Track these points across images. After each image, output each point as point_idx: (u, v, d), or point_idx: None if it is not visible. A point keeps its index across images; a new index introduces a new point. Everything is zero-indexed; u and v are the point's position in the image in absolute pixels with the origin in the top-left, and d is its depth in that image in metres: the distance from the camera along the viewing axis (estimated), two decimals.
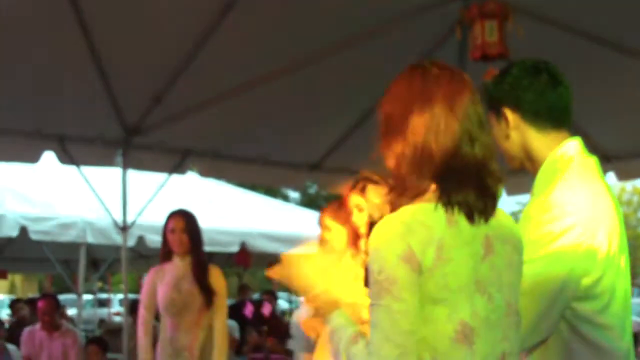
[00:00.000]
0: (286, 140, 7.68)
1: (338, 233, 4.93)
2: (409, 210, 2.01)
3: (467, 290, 1.97)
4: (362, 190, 4.32)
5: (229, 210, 11.26)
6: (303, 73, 6.57)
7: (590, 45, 6.23)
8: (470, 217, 2.03)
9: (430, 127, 2.05)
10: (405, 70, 2.21)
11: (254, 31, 6.10)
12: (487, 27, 5.46)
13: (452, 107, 2.08)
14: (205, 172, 8.08)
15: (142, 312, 6.12)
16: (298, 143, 7.85)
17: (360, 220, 4.30)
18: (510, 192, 9.18)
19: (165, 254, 6.09)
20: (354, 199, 4.39)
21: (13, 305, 14.32)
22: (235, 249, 10.42)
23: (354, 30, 6.18)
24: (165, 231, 6.09)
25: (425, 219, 1.98)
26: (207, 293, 5.92)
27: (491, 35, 5.48)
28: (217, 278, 5.94)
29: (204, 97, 6.68)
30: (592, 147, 7.67)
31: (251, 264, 12.14)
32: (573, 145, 2.63)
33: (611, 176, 7.19)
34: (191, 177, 9.60)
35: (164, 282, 5.99)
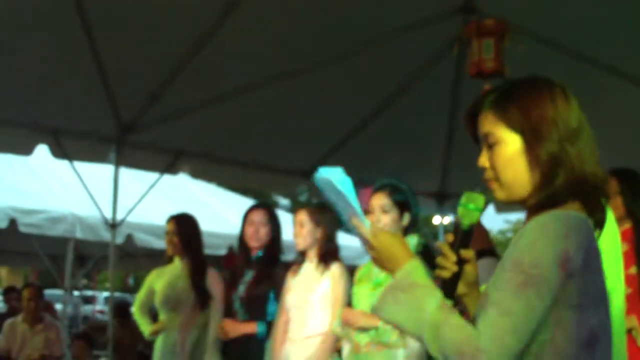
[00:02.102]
0: (280, 145, 7.69)
1: (310, 231, 5.02)
2: (566, 214, 1.99)
3: (598, 299, 1.99)
4: (391, 193, 4.37)
5: (218, 213, 11.26)
6: (300, 80, 6.60)
7: (584, 67, 6.27)
8: (599, 230, 2.08)
9: (582, 137, 2.07)
10: (540, 85, 2.14)
11: (253, 36, 6.14)
12: (484, 45, 5.52)
13: (585, 124, 2.10)
14: (196, 174, 8.09)
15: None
16: (291, 149, 7.87)
17: (382, 220, 4.34)
18: (500, 210, 9.23)
19: (168, 256, 6.33)
20: (380, 199, 4.43)
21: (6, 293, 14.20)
22: (222, 251, 10.43)
23: (353, 40, 6.22)
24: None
25: (579, 225, 1.97)
26: (201, 293, 6.01)
27: (487, 53, 5.53)
28: (214, 281, 6.03)
29: (200, 99, 6.70)
30: None
31: None
32: None
33: None
34: (182, 178, 9.60)
35: (162, 280, 6.16)
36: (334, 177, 2.18)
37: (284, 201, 28.81)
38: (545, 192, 2.04)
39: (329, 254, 5.01)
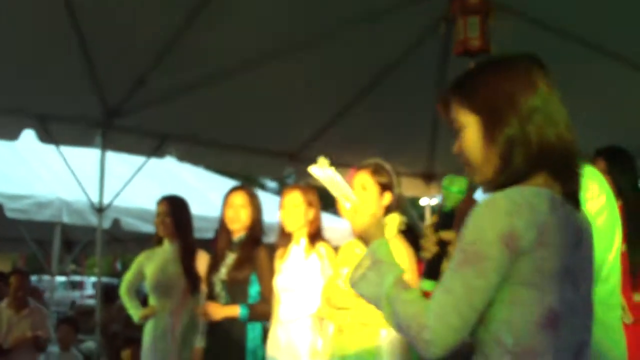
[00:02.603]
0: (266, 128, 7.69)
1: (302, 212, 5.02)
2: (518, 190, 1.98)
3: (558, 277, 1.95)
4: (373, 172, 4.37)
5: (205, 197, 11.25)
6: (286, 62, 6.59)
7: (570, 46, 6.28)
8: (568, 204, 2.04)
9: (542, 112, 2.06)
10: (495, 62, 2.17)
11: (238, 18, 6.11)
12: (470, 23, 5.51)
13: (554, 92, 2.12)
14: (183, 157, 8.07)
15: None
16: (278, 132, 7.87)
17: (362, 198, 4.34)
18: (486, 192, 9.23)
19: (157, 238, 6.32)
20: (361, 178, 4.44)
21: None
22: (210, 235, 10.42)
23: (338, 21, 6.20)
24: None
25: (533, 201, 1.95)
26: (192, 277, 6.01)
27: (473, 31, 5.53)
28: (203, 263, 5.97)
29: (186, 82, 6.69)
30: None
31: None
32: None
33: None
34: (169, 162, 9.59)
35: (152, 264, 6.15)
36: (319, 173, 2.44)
37: (271, 184, 28.84)
38: (505, 173, 2.05)
39: (317, 235, 5.02)
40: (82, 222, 9.84)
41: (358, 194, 4.47)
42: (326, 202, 4.95)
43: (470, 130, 2.11)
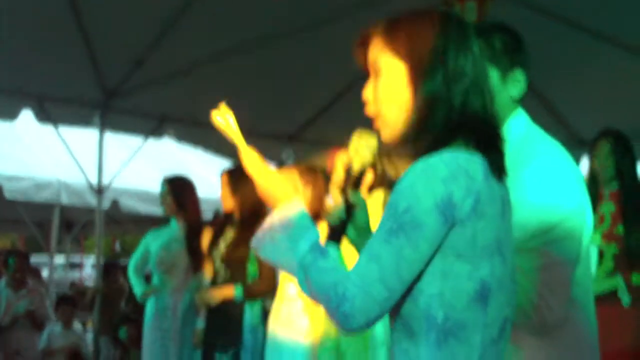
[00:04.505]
0: (265, 110, 7.68)
1: (299, 191, 5.02)
2: (453, 156, 1.82)
3: (490, 249, 1.82)
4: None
5: (204, 178, 11.25)
6: (284, 44, 6.59)
7: (568, 31, 6.28)
8: (495, 172, 1.89)
9: (471, 76, 1.91)
10: (432, 14, 1.98)
11: (237, 0, 6.10)
12: (467, 8, 5.50)
13: (484, 62, 2.00)
14: (181, 138, 8.07)
15: None
16: (277, 113, 7.86)
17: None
18: None
19: (162, 218, 6.48)
20: (343, 157, 4.42)
21: None
22: (209, 216, 10.44)
23: (339, 5, 6.20)
24: None
25: (468, 167, 1.81)
26: (195, 256, 6.04)
27: (471, 16, 5.52)
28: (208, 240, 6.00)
29: (184, 63, 6.69)
30: (569, 130, 7.78)
31: None
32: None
33: (584, 161, 7.24)
34: (168, 144, 9.58)
35: (157, 242, 6.20)
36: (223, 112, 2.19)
37: (272, 165, 28.82)
38: (419, 132, 1.90)
39: (317, 215, 5.03)
40: (81, 203, 9.84)
41: (339, 173, 4.46)
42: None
43: (389, 77, 1.94)
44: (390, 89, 1.94)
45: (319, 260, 1.85)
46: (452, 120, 1.88)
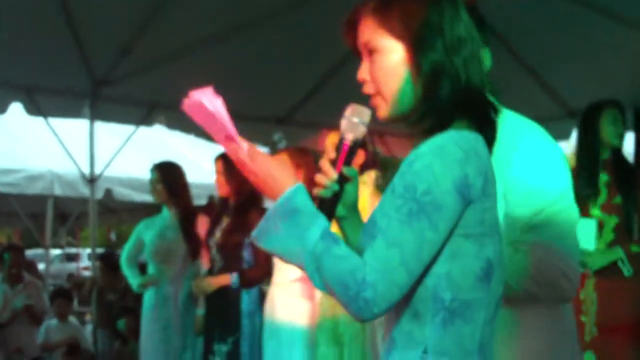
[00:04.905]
0: (254, 93, 7.64)
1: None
2: (462, 135, 1.83)
3: (494, 228, 1.86)
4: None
5: (197, 164, 11.24)
6: (271, 25, 6.56)
7: (559, 2, 6.25)
8: (491, 149, 1.92)
9: (469, 46, 1.91)
10: None
11: None
12: None
13: (473, 35, 1.95)
14: (172, 125, 8.05)
15: None
16: (266, 96, 7.83)
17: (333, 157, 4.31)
18: None
19: (154, 206, 6.42)
20: (334, 137, 4.41)
21: None
22: (203, 201, 10.43)
23: None
24: None
25: (476, 147, 1.82)
26: (192, 242, 6.02)
27: None
28: (203, 228, 5.96)
29: (171, 50, 6.65)
30: (560, 102, 7.77)
31: None
32: None
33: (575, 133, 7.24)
34: (159, 130, 9.57)
35: (151, 231, 6.16)
36: (203, 98, 2.04)
37: (263, 149, 28.82)
38: (428, 105, 1.88)
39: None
40: (75, 193, 9.83)
41: (330, 153, 4.44)
42: None
43: (388, 56, 1.91)
44: (389, 68, 1.92)
45: (332, 247, 1.78)
46: (457, 93, 1.87)
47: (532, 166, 2.50)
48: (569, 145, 6.65)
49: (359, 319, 1.77)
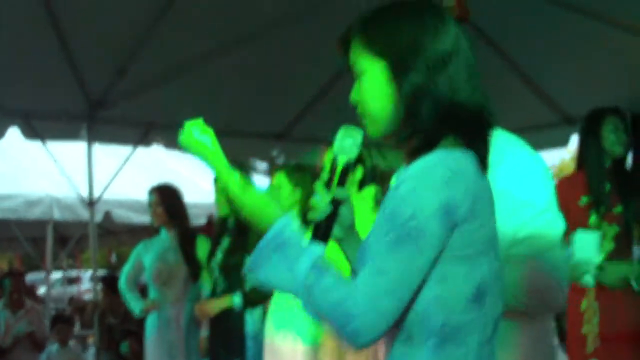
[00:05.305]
0: (251, 109, 7.64)
1: (287, 193, 4.97)
2: (450, 156, 1.81)
3: (487, 248, 1.82)
4: None
5: (195, 183, 11.23)
6: (267, 41, 6.56)
7: (552, 9, 6.25)
8: (484, 167, 1.89)
9: (454, 62, 1.87)
10: (408, 7, 1.95)
11: (215, 1, 6.08)
12: None
13: (462, 48, 1.91)
14: (170, 145, 8.03)
15: None
16: (263, 112, 7.82)
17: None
18: None
19: (154, 228, 6.33)
20: (331, 154, 4.40)
21: None
22: (202, 221, 10.41)
23: None
24: None
25: (464, 167, 1.79)
26: (193, 264, 5.99)
27: (449, 0, 5.45)
28: (205, 249, 5.94)
29: (167, 69, 6.64)
30: (556, 109, 7.76)
31: None
32: None
33: (574, 139, 7.22)
34: (157, 151, 9.56)
35: (150, 254, 6.13)
36: (196, 130, 2.14)
37: (262, 165, 28.78)
38: (411, 126, 1.86)
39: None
40: (74, 217, 9.82)
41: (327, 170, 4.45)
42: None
43: (372, 77, 1.91)
44: (373, 89, 1.92)
45: (321, 278, 1.78)
46: (441, 112, 1.84)
47: (516, 180, 2.52)
48: (568, 152, 6.64)
49: (351, 347, 1.77)
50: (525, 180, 2.52)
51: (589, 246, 4.12)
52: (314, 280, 1.78)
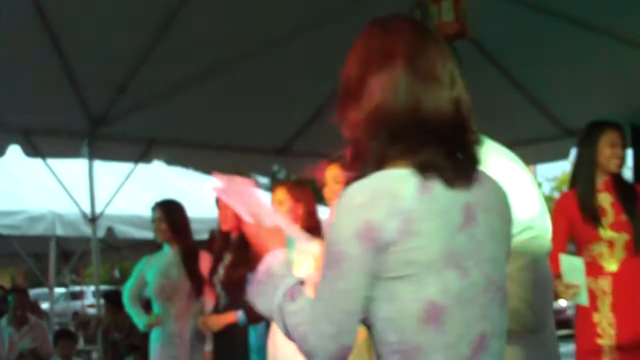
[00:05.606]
0: (252, 125, 7.66)
1: (290, 209, 4.97)
2: (376, 177, 1.80)
3: (436, 266, 1.76)
4: (344, 165, 4.35)
5: (197, 199, 11.24)
6: (267, 57, 6.57)
7: (552, 23, 6.26)
8: (446, 181, 1.82)
9: (389, 86, 1.86)
10: (365, 26, 2.02)
11: (216, 16, 6.09)
12: (443, 7, 5.45)
13: (414, 62, 1.88)
14: (171, 161, 8.05)
15: None
16: (264, 128, 7.84)
17: (336, 190, 4.32)
18: None
19: (157, 243, 6.34)
20: (333, 170, 4.42)
21: None
22: (205, 236, 10.41)
23: (316, 13, 6.18)
24: None
25: (393, 187, 1.77)
26: (196, 279, 5.99)
27: (447, 16, 5.47)
28: (206, 264, 5.93)
29: (167, 85, 6.66)
30: (557, 122, 7.77)
31: None
32: None
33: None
34: (158, 167, 9.57)
35: (153, 269, 6.13)
36: (223, 195, 2.24)
37: (263, 180, 28.78)
38: (353, 155, 1.93)
39: (311, 230, 4.98)
40: (76, 233, 9.84)
41: (331, 186, 4.47)
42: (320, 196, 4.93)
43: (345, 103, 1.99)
44: (342, 115, 1.98)
45: (288, 304, 1.86)
46: (399, 130, 1.85)
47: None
48: (569, 163, 6.64)
49: None
50: (510, 196, 2.50)
51: (574, 270, 4.11)
52: (284, 306, 1.87)
